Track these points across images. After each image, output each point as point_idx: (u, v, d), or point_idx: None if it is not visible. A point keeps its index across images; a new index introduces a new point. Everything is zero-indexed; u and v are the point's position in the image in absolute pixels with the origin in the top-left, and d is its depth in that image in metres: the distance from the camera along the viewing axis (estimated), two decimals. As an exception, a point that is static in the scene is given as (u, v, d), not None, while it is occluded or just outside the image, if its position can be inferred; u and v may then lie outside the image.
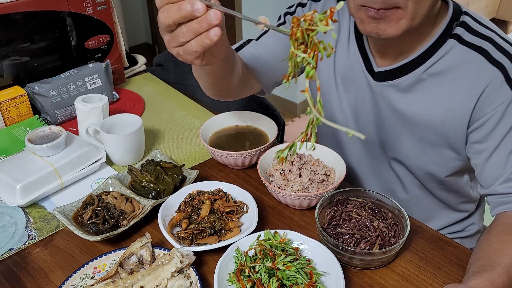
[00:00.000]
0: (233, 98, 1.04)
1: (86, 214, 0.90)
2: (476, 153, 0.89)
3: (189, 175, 1.02)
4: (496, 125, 0.84)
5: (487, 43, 0.84)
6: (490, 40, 0.85)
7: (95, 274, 0.81)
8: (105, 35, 1.37)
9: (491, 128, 0.84)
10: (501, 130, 0.84)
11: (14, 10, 1.17)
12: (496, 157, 0.86)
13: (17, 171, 0.98)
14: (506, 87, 0.82)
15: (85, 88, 1.28)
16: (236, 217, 0.90)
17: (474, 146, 0.88)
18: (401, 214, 0.85)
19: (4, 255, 0.87)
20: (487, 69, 0.83)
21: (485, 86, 0.83)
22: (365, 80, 0.97)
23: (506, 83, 0.82)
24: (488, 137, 0.85)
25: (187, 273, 0.79)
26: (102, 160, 1.08)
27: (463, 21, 0.88)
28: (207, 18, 0.60)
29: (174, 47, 0.67)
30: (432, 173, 0.98)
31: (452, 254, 0.86)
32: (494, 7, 4.13)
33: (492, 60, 0.83)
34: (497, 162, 0.86)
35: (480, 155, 0.88)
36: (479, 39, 0.85)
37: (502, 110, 0.83)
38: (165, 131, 1.25)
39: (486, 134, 0.85)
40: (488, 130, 0.85)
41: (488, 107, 0.84)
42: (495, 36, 0.85)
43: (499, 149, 0.85)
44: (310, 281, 0.74)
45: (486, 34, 0.86)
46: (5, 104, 1.18)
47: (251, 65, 1.02)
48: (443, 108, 0.89)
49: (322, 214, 0.88)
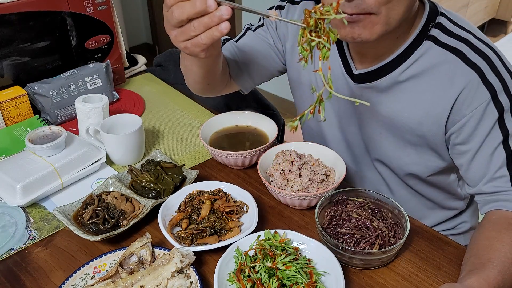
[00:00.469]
0: (215, 93, 1.10)
1: (86, 214, 0.90)
2: (460, 154, 0.89)
3: (189, 175, 1.02)
4: (477, 126, 0.84)
5: (462, 44, 0.85)
6: (466, 41, 0.85)
7: (95, 274, 0.81)
8: (105, 35, 1.37)
9: (472, 129, 0.85)
10: (482, 131, 0.84)
11: (14, 10, 1.17)
12: (480, 157, 0.86)
13: (17, 171, 0.98)
14: (483, 89, 0.82)
15: (85, 88, 1.28)
16: (236, 217, 0.91)
17: (457, 148, 0.89)
18: (401, 214, 0.85)
19: (4, 255, 0.87)
20: (463, 70, 0.83)
21: (462, 88, 0.83)
22: (345, 82, 0.97)
23: (482, 84, 0.82)
24: (469, 139, 0.86)
25: (187, 273, 0.79)
26: (102, 160, 1.08)
27: (439, 22, 0.87)
28: (219, 14, 0.65)
29: (182, 41, 0.71)
30: (414, 173, 0.99)
31: (452, 254, 0.86)
32: (494, 7, 4.13)
33: (467, 62, 0.83)
34: (480, 162, 0.86)
35: (464, 156, 0.88)
36: (454, 40, 0.85)
37: (481, 111, 0.83)
38: (165, 131, 1.25)
39: (468, 136, 0.86)
40: (469, 132, 0.85)
41: (466, 108, 0.84)
42: (470, 36, 0.85)
43: (481, 149, 0.85)
44: (310, 281, 0.74)
45: (462, 35, 0.86)
46: (6, 104, 1.18)
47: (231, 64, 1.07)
48: (420, 109, 0.89)
49: (322, 214, 0.88)
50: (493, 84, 0.82)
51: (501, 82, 0.82)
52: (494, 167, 0.85)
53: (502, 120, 0.83)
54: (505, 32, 4.33)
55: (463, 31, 0.87)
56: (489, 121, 0.83)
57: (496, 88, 0.82)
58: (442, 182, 1.02)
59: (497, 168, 0.85)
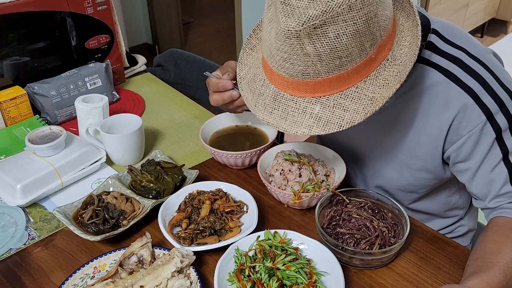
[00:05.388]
0: None
1: (86, 214, 0.90)
2: (461, 172, 0.89)
3: (189, 175, 1.02)
4: (475, 146, 0.83)
5: (454, 65, 0.82)
6: (458, 61, 0.82)
7: (95, 274, 0.81)
8: (105, 35, 1.37)
9: (471, 149, 0.84)
10: (481, 150, 0.83)
11: (14, 10, 1.17)
12: (480, 176, 0.85)
13: (17, 171, 0.98)
14: (477, 111, 0.80)
15: (85, 88, 1.28)
16: (236, 217, 0.91)
17: (458, 166, 0.88)
18: (401, 214, 0.85)
19: (5, 255, 0.87)
20: (456, 93, 0.81)
21: (456, 111, 0.82)
22: None
23: (477, 106, 0.80)
24: (469, 157, 0.85)
25: (187, 273, 0.79)
26: (102, 160, 1.08)
27: (430, 42, 0.85)
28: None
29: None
30: (411, 191, 0.99)
31: (451, 254, 0.86)
32: (494, 7, 4.14)
33: (460, 84, 0.81)
34: (482, 180, 0.86)
35: (465, 174, 0.88)
36: (446, 61, 0.83)
37: (478, 132, 0.82)
38: (165, 131, 1.25)
39: (467, 154, 0.85)
40: (469, 151, 0.84)
41: (463, 130, 0.83)
42: (463, 55, 0.83)
43: (482, 167, 0.85)
44: (310, 281, 0.74)
45: (454, 54, 0.83)
46: (5, 104, 1.18)
47: None
48: (417, 130, 0.88)
49: (322, 214, 0.88)
50: (488, 106, 0.80)
51: (496, 102, 0.80)
52: (498, 185, 0.84)
53: (500, 138, 0.82)
54: (505, 32, 4.33)
55: (455, 49, 0.84)
56: (487, 141, 0.82)
57: (491, 110, 0.80)
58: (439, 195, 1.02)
59: (501, 185, 0.84)
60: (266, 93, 0.80)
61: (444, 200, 1.03)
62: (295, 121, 0.76)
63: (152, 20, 4.01)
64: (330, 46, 0.67)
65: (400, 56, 0.75)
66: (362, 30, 0.68)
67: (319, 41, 0.67)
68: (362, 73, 0.72)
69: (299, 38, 0.67)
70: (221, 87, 0.94)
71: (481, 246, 0.80)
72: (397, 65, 0.74)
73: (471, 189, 0.89)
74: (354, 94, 0.73)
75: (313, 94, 0.74)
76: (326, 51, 0.68)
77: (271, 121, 0.79)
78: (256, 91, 0.82)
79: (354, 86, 0.73)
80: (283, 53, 0.70)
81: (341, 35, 0.67)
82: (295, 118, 0.76)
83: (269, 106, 0.79)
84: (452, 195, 1.03)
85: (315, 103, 0.74)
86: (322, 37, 0.66)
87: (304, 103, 0.75)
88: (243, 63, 0.90)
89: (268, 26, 0.72)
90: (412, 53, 0.74)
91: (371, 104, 0.73)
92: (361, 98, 0.73)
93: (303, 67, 0.71)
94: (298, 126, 0.76)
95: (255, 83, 0.84)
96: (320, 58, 0.69)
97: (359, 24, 0.67)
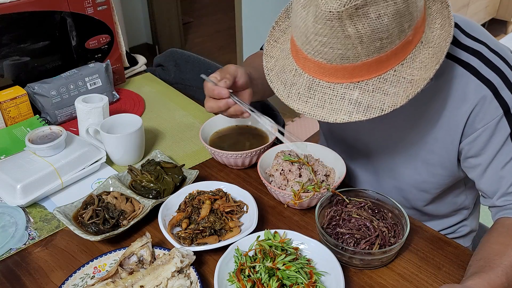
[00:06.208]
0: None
1: (86, 214, 0.90)
2: (471, 168, 0.88)
3: (189, 175, 1.02)
4: (488, 141, 0.83)
5: (474, 58, 0.82)
6: (478, 54, 0.82)
7: (95, 274, 0.81)
8: (105, 35, 1.37)
9: (484, 144, 0.84)
10: (494, 146, 0.83)
11: (14, 10, 1.17)
12: (491, 172, 0.85)
13: (17, 171, 0.98)
14: (495, 104, 0.80)
15: (85, 88, 1.28)
16: (236, 217, 0.91)
17: (469, 161, 0.88)
18: (401, 214, 0.85)
19: (5, 255, 0.87)
20: (475, 86, 0.81)
21: (475, 104, 0.82)
22: None
23: (495, 100, 0.80)
24: (481, 152, 0.85)
25: (187, 273, 0.79)
26: (102, 160, 1.08)
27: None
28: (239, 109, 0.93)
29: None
30: (424, 190, 0.98)
31: (451, 254, 0.86)
32: (494, 7, 4.14)
33: (480, 77, 0.81)
34: (492, 176, 0.86)
35: (475, 170, 0.88)
36: (466, 54, 0.83)
37: (493, 126, 0.82)
38: (165, 131, 1.25)
39: (479, 149, 0.85)
40: (481, 146, 0.84)
41: (478, 123, 0.83)
42: (484, 48, 0.83)
43: (493, 163, 0.84)
44: (310, 281, 0.74)
45: (474, 47, 0.83)
46: (6, 104, 1.18)
47: None
48: (435, 124, 0.88)
49: (322, 214, 0.88)
50: (506, 100, 0.80)
51: None
52: (507, 183, 0.84)
53: None
54: (505, 32, 4.33)
55: (476, 42, 0.84)
56: (501, 136, 0.82)
57: (509, 104, 0.80)
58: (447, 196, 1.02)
59: (510, 183, 0.84)
60: (299, 83, 0.78)
61: (451, 200, 1.03)
62: (333, 108, 0.75)
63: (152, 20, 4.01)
64: (372, 27, 0.67)
65: (433, 39, 0.75)
66: (402, 10, 0.68)
67: (361, 22, 0.66)
68: (399, 55, 0.72)
69: (341, 19, 0.66)
70: (216, 94, 0.91)
71: (485, 246, 0.79)
72: (431, 47, 0.74)
73: (480, 185, 0.88)
74: (393, 78, 0.73)
75: (351, 79, 0.73)
76: (367, 32, 0.67)
77: (306, 110, 0.77)
78: (288, 82, 0.80)
79: (392, 69, 0.73)
80: (322, 37, 0.69)
81: (382, 16, 0.67)
82: (333, 105, 0.75)
83: (304, 95, 0.77)
84: (459, 195, 1.03)
85: (354, 89, 0.73)
86: (364, 17, 0.66)
87: (342, 89, 0.74)
88: (268, 55, 0.89)
89: (303, 12, 0.71)
90: (446, 34, 0.74)
91: (411, 86, 0.72)
92: (400, 82, 0.72)
93: (343, 50, 0.70)
94: (337, 113, 0.74)
95: (285, 73, 0.82)
96: (361, 40, 0.68)
97: (399, 4, 0.67)
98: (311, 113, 0.77)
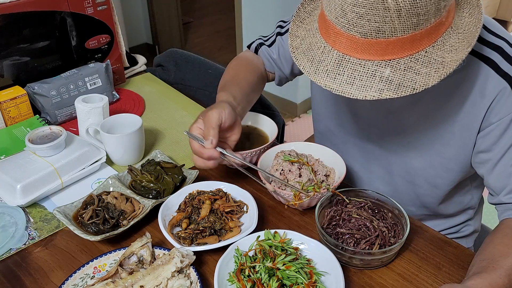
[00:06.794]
0: None
1: (86, 214, 0.90)
2: (481, 163, 0.88)
3: (189, 175, 1.02)
4: (501, 136, 0.83)
5: (495, 53, 0.83)
6: (499, 49, 0.83)
7: (95, 274, 0.81)
8: (105, 35, 1.37)
9: (496, 138, 0.84)
10: (505, 141, 0.83)
11: (14, 10, 1.17)
12: (500, 167, 0.85)
13: (17, 171, 0.98)
14: None
15: (85, 88, 1.28)
16: (236, 217, 0.91)
17: (480, 156, 0.88)
18: (401, 214, 0.85)
19: (5, 255, 0.87)
20: (494, 80, 0.82)
21: (493, 98, 0.82)
22: None
23: None
24: (492, 147, 0.85)
25: (187, 273, 0.79)
26: (102, 160, 1.08)
27: None
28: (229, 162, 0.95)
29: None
30: (436, 186, 0.98)
31: (452, 254, 0.86)
32: (494, 7, 4.14)
33: (499, 71, 0.82)
34: (501, 172, 0.86)
35: (485, 165, 0.88)
36: (487, 49, 0.83)
37: (507, 121, 0.82)
38: (165, 131, 1.25)
39: (491, 144, 0.85)
40: (493, 140, 0.84)
41: (494, 117, 0.83)
42: (504, 44, 0.83)
43: (503, 159, 0.85)
44: (310, 281, 0.74)
45: (496, 42, 0.84)
46: (6, 104, 1.18)
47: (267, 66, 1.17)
48: (453, 118, 0.88)
49: (322, 214, 0.88)
50: None
51: None
52: None
53: None
54: (505, 32, 4.33)
55: (497, 38, 0.84)
56: None
57: None
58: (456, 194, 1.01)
59: None
60: (328, 59, 0.77)
61: (458, 199, 1.03)
62: (363, 85, 0.74)
63: (152, 20, 4.02)
64: (411, 1, 0.67)
65: (462, 25, 0.75)
66: None
67: None
68: (432, 36, 0.72)
69: None
70: (207, 158, 0.89)
71: (489, 247, 0.79)
72: (460, 33, 0.74)
73: (489, 181, 0.88)
74: (424, 58, 0.72)
75: (383, 57, 0.73)
76: (407, 5, 0.67)
77: (335, 87, 0.76)
78: (316, 59, 0.79)
79: (423, 50, 0.72)
80: (360, 8, 0.69)
81: None
82: (363, 82, 0.74)
83: (332, 72, 0.76)
84: (465, 194, 1.03)
85: (385, 66, 0.73)
86: None
87: (373, 66, 0.73)
88: (294, 34, 0.88)
89: None
90: (475, 20, 0.74)
91: (443, 67, 0.72)
92: (431, 62, 0.72)
93: (380, 23, 0.69)
94: (367, 90, 0.73)
95: (312, 51, 0.81)
96: (400, 13, 0.68)
97: None
98: (339, 90, 0.75)
